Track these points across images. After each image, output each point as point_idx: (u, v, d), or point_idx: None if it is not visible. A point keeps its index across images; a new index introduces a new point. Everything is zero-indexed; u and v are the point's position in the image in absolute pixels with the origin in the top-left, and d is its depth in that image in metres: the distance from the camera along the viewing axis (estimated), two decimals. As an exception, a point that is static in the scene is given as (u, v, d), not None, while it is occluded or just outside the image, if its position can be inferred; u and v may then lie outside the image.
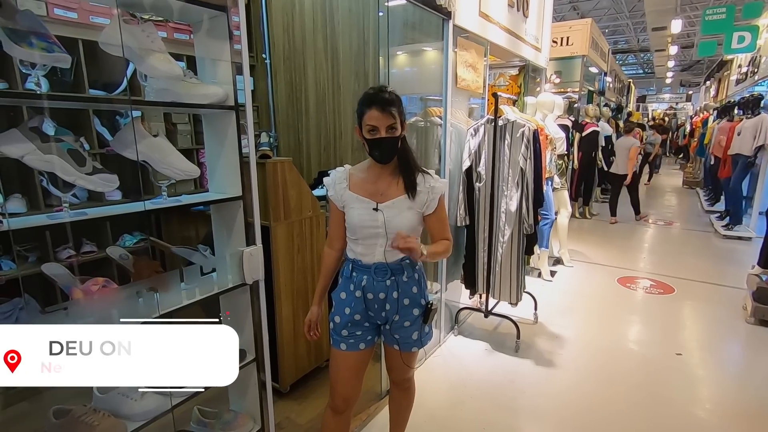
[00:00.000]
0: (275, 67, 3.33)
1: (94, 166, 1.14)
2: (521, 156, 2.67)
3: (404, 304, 1.45)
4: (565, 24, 6.63)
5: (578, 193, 6.30)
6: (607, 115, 7.40)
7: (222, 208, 1.55)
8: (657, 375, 2.59)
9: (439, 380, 2.49)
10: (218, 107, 1.45)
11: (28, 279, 2.23)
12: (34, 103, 1.15)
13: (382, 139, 1.33)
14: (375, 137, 1.33)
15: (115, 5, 1.32)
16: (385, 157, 1.37)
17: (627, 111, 11.95)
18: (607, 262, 4.65)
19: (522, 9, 3.47)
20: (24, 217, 1.12)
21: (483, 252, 2.87)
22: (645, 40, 15.51)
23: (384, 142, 1.33)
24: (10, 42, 1.01)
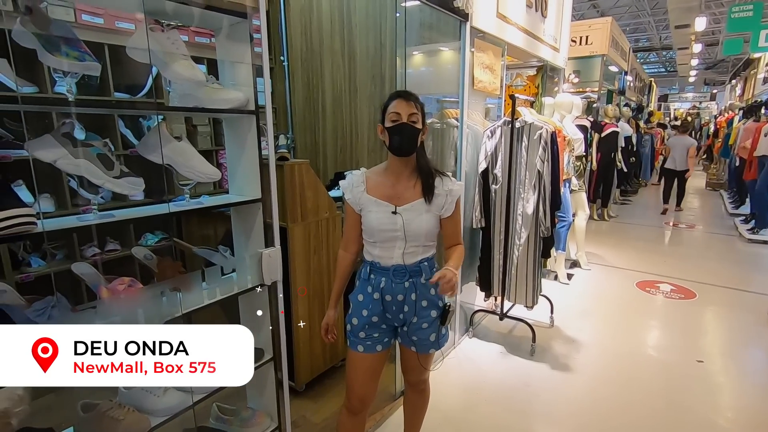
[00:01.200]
0: (293, 69, 3.38)
1: (121, 169, 1.19)
2: (538, 158, 2.64)
3: (422, 305, 1.46)
4: (585, 23, 6.52)
5: (596, 194, 6.21)
6: (627, 115, 7.27)
7: (242, 210, 1.58)
8: (677, 382, 2.53)
9: (454, 382, 2.49)
10: (239, 112, 1.48)
11: (55, 276, 2.33)
12: (67, 109, 1.19)
13: (403, 125, 1.35)
14: (396, 123, 1.36)
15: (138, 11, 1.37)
16: (405, 145, 1.38)
17: (648, 110, 11.68)
18: (625, 265, 4.57)
19: (540, 9, 3.44)
20: (55, 218, 1.16)
21: (499, 254, 2.86)
22: (667, 37, 15.15)
23: (405, 128, 1.35)
24: (45, 51, 1.05)
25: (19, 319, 1.09)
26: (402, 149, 1.38)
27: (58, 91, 2.25)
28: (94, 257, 2.54)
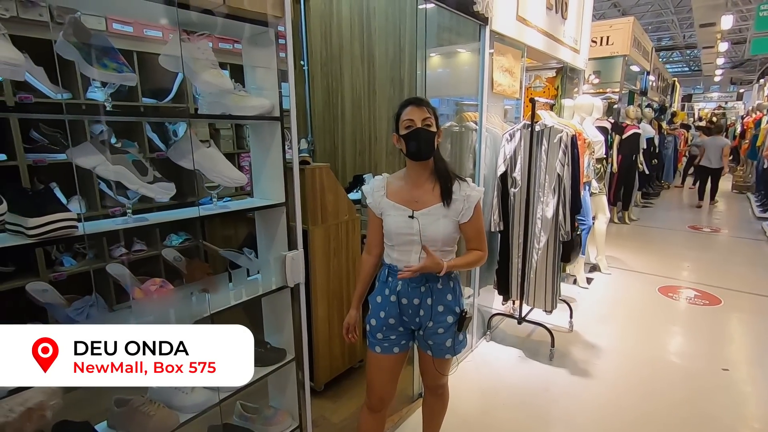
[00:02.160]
0: (312, 73, 3.43)
1: (154, 175, 1.24)
2: (558, 162, 2.63)
3: (438, 310, 1.48)
4: (606, 23, 6.41)
5: (617, 197, 6.10)
6: (649, 116, 7.12)
7: (266, 213, 1.63)
8: (701, 391, 2.48)
9: (471, 386, 2.49)
10: (264, 118, 1.52)
11: (84, 276, 2.42)
12: (103, 117, 1.25)
13: (418, 130, 1.37)
14: (411, 129, 1.38)
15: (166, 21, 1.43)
16: (422, 149, 1.40)
17: (671, 111, 11.40)
18: (647, 270, 4.48)
19: (561, 11, 3.41)
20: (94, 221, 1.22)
21: (517, 258, 2.85)
22: (692, 36, 14.76)
23: (420, 133, 1.38)
24: (86, 63, 1.11)
25: (60, 317, 1.15)
26: (419, 154, 1.41)
27: (90, 97, 2.37)
28: (121, 257, 2.63)
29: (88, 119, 1.69)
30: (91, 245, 2.55)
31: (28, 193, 1.13)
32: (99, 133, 1.20)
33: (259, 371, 1.62)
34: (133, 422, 1.29)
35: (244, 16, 1.43)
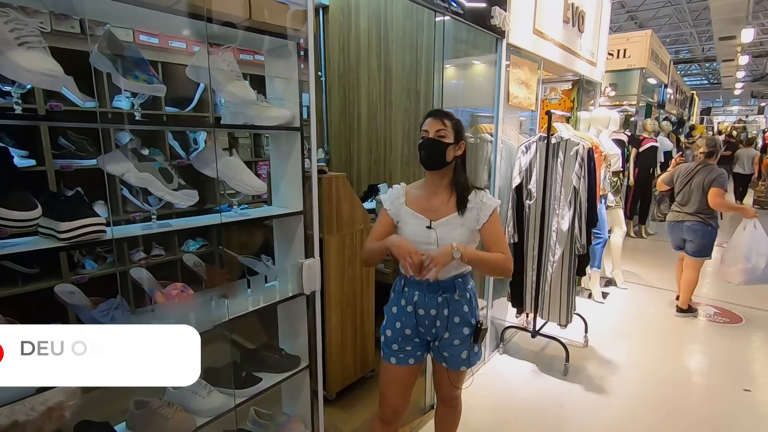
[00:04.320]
0: (330, 84, 3.49)
1: (179, 182, 1.28)
2: (575, 174, 2.61)
3: (454, 321, 1.48)
4: (623, 36, 6.38)
5: (633, 211, 6.01)
6: (667, 129, 7.02)
7: (284, 221, 1.65)
8: (722, 411, 2.41)
9: (484, 399, 2.46)
10: (285, 128, 1.56)
11: (103, 279, 2.48)
12: (134, 126, 1.30)
13: (428, 140, 1.41)
14: (423, 139, 1.42)
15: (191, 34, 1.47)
16: (430, 158, 1.43)
17: (689, 124, 11.23)
18: (664, 285, 4.39)
19: (577, 24, 3.42)
20: (120, 227, 1.26)
21: (532, 270, 2.83)
22: (711, 49, 14.57)
23: (430, 143, 1.41)
24: (118, 74, 1.15)
25: (85, 318, 1.18)
26: (427, 162, 1.44)
27: (116, 105, 2.45)
28: (140, 261, 2.69)
29: (118, 128, 1.75)
30: (111, 249, 2.61)
31: (60, 198, 1.17)
32: (128, 141, 1.24)
33: (273, 378, 1.64)
34: (151, 424, 1.32)
35: (265, 29, 1.48)
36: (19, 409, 1.20)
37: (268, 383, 1.61)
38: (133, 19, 1.75)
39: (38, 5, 1.39)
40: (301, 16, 1.52)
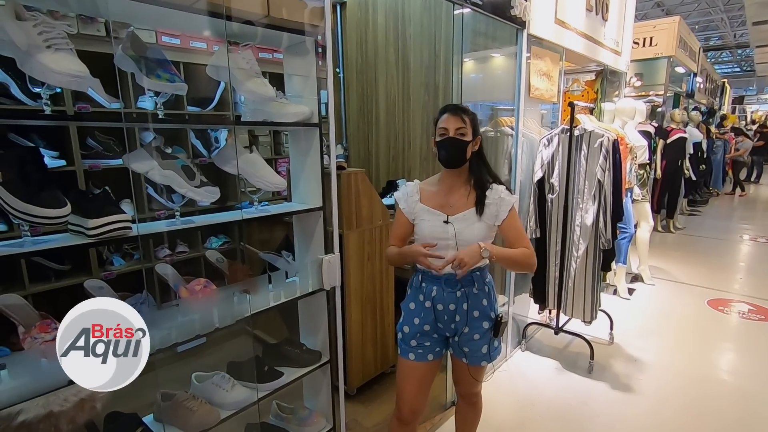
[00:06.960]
0: (348, 81, 3.49)
1: (201, 179, 1.30)
2: (599, 167, 2.54)
3: (474, 316, 1.46)
4: (649, 23, 6.16)
5: (661, 204, 5.81)
6: (696, 119, 6.76)
7: (304, 217, 1.67)
8: (757, 412, 2.31)
9: (506, 397, 2.43)
10: (303, 125, 1.56)
11: (130, 275, 2.55)
12: (158, 125, 1.32)
13: (449, 139, 1.39)
14: (444, 138, 1.39)
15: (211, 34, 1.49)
16: (451, 158, 1.41)
17: (720, 114, 10.78)
18: (694, 281, 4.24)
19: (601, 12, 3.31)
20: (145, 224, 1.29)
21: (554, 266, 2.77)
22: (743, 35, 13.94)
23: (451, 142, 1.39)
24: (142, 74, 1.18)
25: (113, 313, 1.21)
26: (449, 162, 1.43)
27: (140, 106, 2.51)
28: (165, 258, 2.76)
29: (142, 126, 1.79)
30: (137, 246, 2.69)
31: (88, 196, 1.21)
32: (152, 139, 1.27)
33: (294, 372, 1.66)
34: (177, 416, 1.35)
35: (283, 26, 1.48)
36: (54, 400, 1.25)
37: (289, 378, 1.62)
38: (155, 20, 1.79)
39: (65, 9, 1.43)
40: (318, 12, 1.52)
